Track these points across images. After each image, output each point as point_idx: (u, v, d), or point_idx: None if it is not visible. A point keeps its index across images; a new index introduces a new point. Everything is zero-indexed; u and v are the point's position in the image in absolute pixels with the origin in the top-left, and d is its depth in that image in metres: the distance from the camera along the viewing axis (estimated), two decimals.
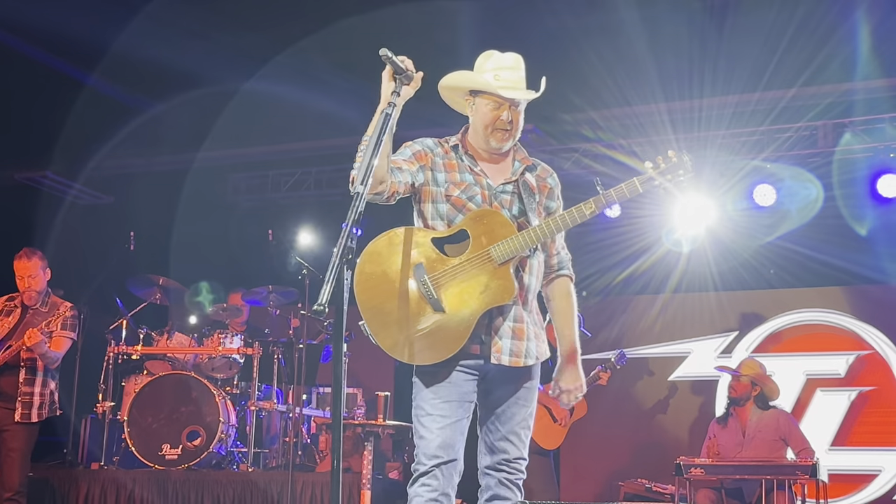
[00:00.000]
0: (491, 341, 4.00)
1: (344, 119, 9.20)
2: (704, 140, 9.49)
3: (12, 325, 7.52)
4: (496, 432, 4.06)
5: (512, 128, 4.10)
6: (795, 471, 7.63)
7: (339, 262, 3.21)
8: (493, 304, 3.93)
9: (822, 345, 9.88)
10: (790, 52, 8.01)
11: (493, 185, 4.12)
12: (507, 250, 3.93)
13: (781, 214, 9.55)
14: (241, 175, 11.44)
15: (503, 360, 3.99)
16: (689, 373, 10.20)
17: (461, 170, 4.14)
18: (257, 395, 8.96)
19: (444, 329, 3.92)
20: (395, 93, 3.76)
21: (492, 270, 3.95)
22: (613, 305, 10.32)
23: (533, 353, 4.07)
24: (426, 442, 3.96)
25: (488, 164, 4.18)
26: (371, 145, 3.53)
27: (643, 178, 4.02)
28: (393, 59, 3.74)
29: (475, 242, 3.98)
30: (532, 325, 4.09)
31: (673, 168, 4.05)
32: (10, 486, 7.31)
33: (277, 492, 7.96)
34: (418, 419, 4.03)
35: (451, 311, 3.92)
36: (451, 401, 3.98)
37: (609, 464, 9.99)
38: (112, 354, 8.94)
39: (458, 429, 3.99)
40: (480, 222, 4.01)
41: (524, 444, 4.08)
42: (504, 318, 4.01)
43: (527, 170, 4.20)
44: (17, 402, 7.38)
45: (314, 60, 8.54)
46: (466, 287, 3.94)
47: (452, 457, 3.97)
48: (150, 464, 8.36)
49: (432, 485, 3.94)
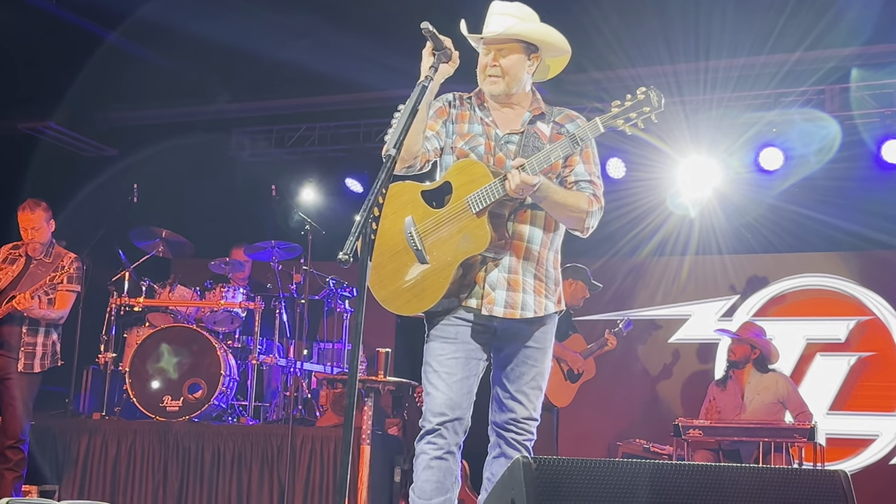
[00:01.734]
0: (484, 293, 4.00)
1: (348, 76, 9.22)
2: (710, 102, 9.45)
3: (16, 273, 7.53)
4: (505, 390, 4.09)
5: (497, 73, 4.08)
6: (793, 433, 7.69)
7: (367, 217, 3.28)
8: (468, 253, 3.92)
9: (822, 309, 9.89)
10: (797, 14, 7.95)
11: (500, 135, 4.11)
12: (480, 199, 3.91)
13: (791, 168, 9.44)
14: (245, 130, 11.42)
15: (496, 311, 3.99)
16: (690, 335, 10.22)
17: (471, 120, 4.16)
18: (258, 349, 8.99)
19: (427, 280, 3.97)
20: (433, 67, 3.83)
21: (469, 220, 3.94)
22: (616, 267, 10.31)
23: (530, 306, 4.04)
24: (432, 399, 4.01)
25: (500, 114, 4.17)
26: (406, 112, 3.60)
27: (605, 116, 3.92)
28: (435, 35, 3.82)
29: (456, 193, 4.00)
30: (531, 278, 4.06)
31: (638, 105, 3.89)
32: (12, 434, 7.37)
33: (277, 445, 8.01)
34: (426, 376, 4.07)
35: (433, 262, 3.96)
36: (458, 357, 4.02)
37: (608, 424, 10.03)
38: (114, 306, 8.97)
39: (465, 387, 4.03)
40: (463, 172, 4.01)
41: (533, 405, 4.09)
42: (499, 269, 4.00)
43: (537, 119, 4.16)
44: (20, 352, 7.41)
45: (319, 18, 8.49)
46: (447, 237, 3.96)
47: (458, 415, 4.01)
48: (152, 415, 8.41)
49: (438, 443, 3.99)
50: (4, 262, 7.60)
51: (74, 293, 7.67)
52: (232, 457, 8.08)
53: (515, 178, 3.80)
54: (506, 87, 4.10)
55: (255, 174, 10.96)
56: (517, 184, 3.80)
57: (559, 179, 4.11)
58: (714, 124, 9.52)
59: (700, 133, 9.57)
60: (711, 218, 9.97)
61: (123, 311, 9.05)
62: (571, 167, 4.14)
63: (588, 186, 4.13)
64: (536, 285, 4.07)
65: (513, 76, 4.10)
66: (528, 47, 4.12)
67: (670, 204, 9.90)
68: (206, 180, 10.63)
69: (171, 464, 8.16)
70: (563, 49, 4.19)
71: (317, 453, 7.92)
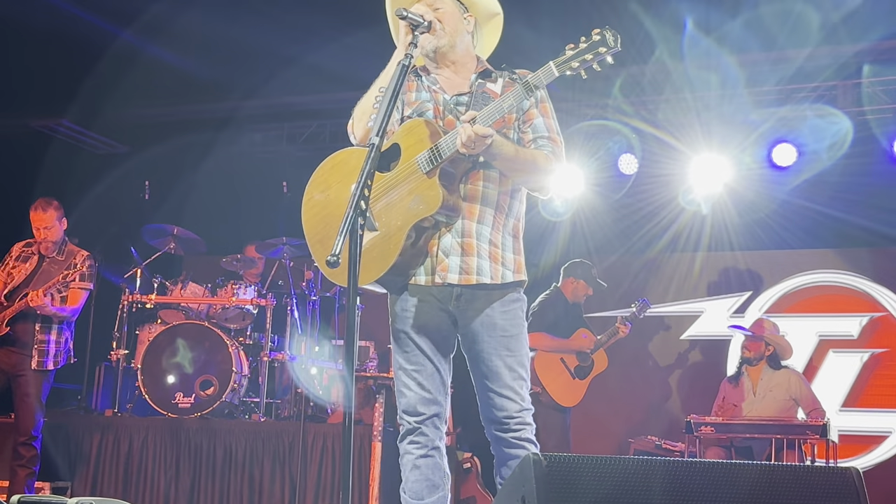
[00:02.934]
0: (437, 261, 3.86)
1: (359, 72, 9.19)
2: (721, 98, 9.42)
3: (29, 271, 7.55)
4: (489, 389, 3.92)
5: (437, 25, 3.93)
6: (806, 430, 7.67)
7: (352, 213, 3.20)
8: (420, 215, 3.73)
9: (835, 306, 9.86)
10: (808, 9, 7.92)
11: (448, 98, 3.97)
12: (430, 158, 3.73)
13: (803, 165, 9.42)
14: (257, 126, 11.42)
15: (450, 278, 3.82)
16: (702, 331, 10.20)
17: (418, 89, 4.03)
18: (270, 346, 9.00)
19: (377, 247, 3.78)
20: (412, 44, 3.75)
21: (419, 181, 3.75)
22: (629, 263, 10.30)
23: (486, 271, 3.85)
24: (406, 399, 3.92)
25: (446, 79, 4.03)
26: (387, 97, 3.49)
27: (559, 59, 3.67)
28: (409, 16, 3.76)
29: (405, 154, 3.81)
30: (485, 243, 3.87)
31: (593, 46, 3.63)
32: (24, 430, 7.39)
33: (289, 442, 8.02)
34: (396, 374, 3.98)
35: (382, 228, 3.78)
36: (424, 350, 3.91)
37: (620, 421, 10.02)
38: (126, 303, 8.99)
39: (437, 379, 3.94)
40: (410, 133, 3.83)
41: (521, 396, 3.90)
42: (451, 234, 3.84)
43: (485, 78, 4.00)
44: (34, 349, 7.43)
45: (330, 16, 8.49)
46: (396, 201, 3.77)
47: (435, 411, 3.93)
48: (164, 412, 8.43)
49: (421, 441, 3.93)
50: (17, 259, 7.62)
51: (87, 291, 7.68)
52: (244, 454, 8.09)
53: (466, 131, 3.60)
54: (448, 39, 3.95)
55: (266, 171, 10.98)
56: (468, 136, 3.59)
57: (516, 137, 3.95)
58: (726, 120, 9.49)
59: (712, 129, 9.54)
60: (724, 214, 9.94)
61: (135, 308, 9.07)
62: (530, 121, 3.97)
63: (546, 144, 3.95)
64: (492, 251, 3.89)
65: (453, 28, 3.96)
66: (459, 4, 4.02)
67: (682, 200, 9.88)
68: (217, 177, 10.63)
69: (183, 461, 8.18)
70: (489, 3, 4.08)
71: (328, 450, 7.93)
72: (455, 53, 4.01)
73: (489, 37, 4.19)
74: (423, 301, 3.90)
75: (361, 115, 3.94)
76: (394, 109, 3.56)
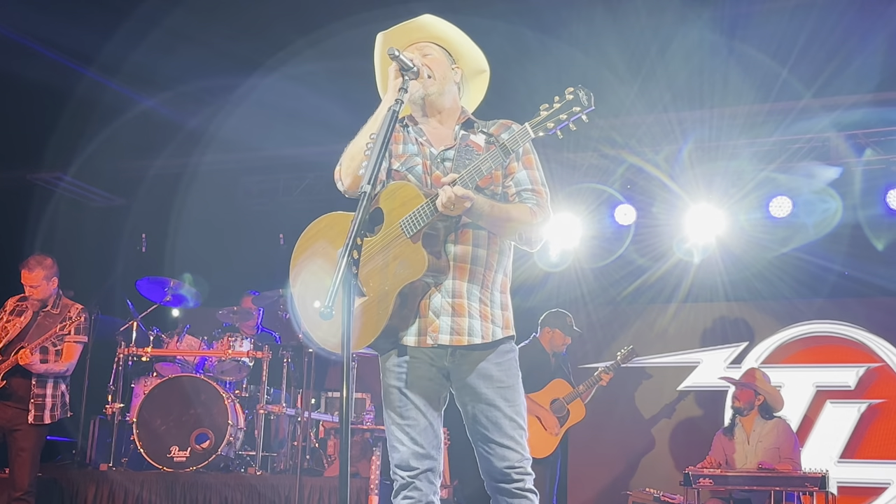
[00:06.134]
0: (427, 322, 3.82)
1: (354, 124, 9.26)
2: (716, 150, 9.49)
3: (24, 325, 7.54)
4: (489, 442, 3.87)
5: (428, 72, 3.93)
6: (804, 482, 7.63)
7: (345, 264, 3.19)
8: (406, 280, 3.69)
9: (832, 356, 9.85)
10: (801, 62, 8.00)
11: (435, 153, 3.95)
12: (412, 221, 3.70)
13: (796, 227, 9.52)
14: (253, 178, 11.46)
15: (441, 339, 3.79)
16: (699, 382, 10.18)
17: (405, 140, 3.99)
18: (266, 398, 8.97)
19: (366, 313, 3.74)
20: (402, 89, 3.74)
21: (404, 245, 3.72)
22: (624, 314, 10.31)
23: (478, 331, 3.82)
24: (399, 455, 3.87)
25: (433, 130, 4.01)
26: (378, 143, 3.49)
27: (535, 121, 3.69)
28: (400, 57, 3.75)
29: (388, 219, 3.77)
30: (476, 302, 3.84)
31: (567, 106, 3.66)
32: (19, 485, 7.33)
33: (285, 496, 7.97)
34: (389, 429, 3.92)
35: (371, 293, 3.74)
36: (417, 405, 3.88)
37: (617, 473, 9.98)
38: (122, 356, 8.97)
39: (430, 433, 3.88)
40: (393, 197, 3.79)
41: (521, 445, 3.87)
42: (442, 294, 3.81)
43: (467, 130, 4.00)
44: (30, 403, 7.39)
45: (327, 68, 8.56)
46: (382, 266, 3.75)
47: (429, 465, 3.88)
48: (159, 466, 8.37)
49: (414, 497, 3.86)
50: (12, 314, 7.61)
51: (81, 344, 7.66)
52: None
53: (447, 192, 3.58)
54: (437, 87, 3.95)
55: (262, 223, 11.00)
56: (448, 198, 3.58)
57: (502, 191, 3.93)
58: (721, 171, 9.55)
59: (708, 180, 9.60)
60: (719, 264, 9.96)
61: (131, 360, 9.05)
62: (512, 174, 3.95)
63: (530, 196, 3.92)
64: (482, 310, 3.85)
65: (442, 75, 3.97)
66: (448, 55, 4.04)
67: (677, 250, 9.91)
68: (214, 229, 10.65)
69: None
70: (478, 59, 4.11)
71: (325, 503, 7.88)
72: (442, 102, 4.00)
73: (475, 92, 4.20)
74: (415, 357, 3.87)
75: (350, 161, 3.87)
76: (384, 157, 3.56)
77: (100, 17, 8.02)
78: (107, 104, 9.20)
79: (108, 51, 8.46)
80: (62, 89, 9.18)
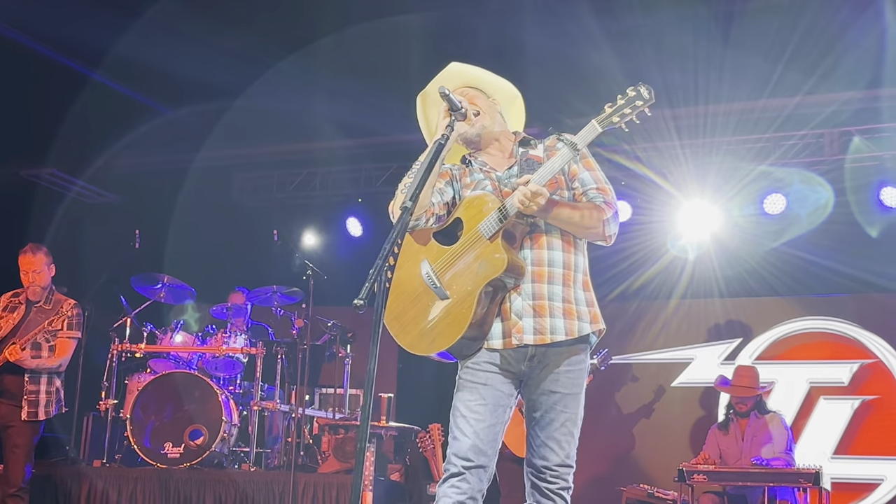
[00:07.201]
0: (511, 324, 3.99)
1: (349, 121, 9.26)
2: (710, 146, 9.49)
3: (16, 321, 7.52)
4: (536, 437, 4.06)
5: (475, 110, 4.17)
6: (798, 478, 7.64)
7: (382, 265, 3.36)
8: (488, 277, 3.90)
9: (826, 353, 9.86)
10: (795, 59, 8.00)
11: (501, 175, 4.16)
12: (491, 223, 3.94)
13: (789, 220, 9.54)
14: (247, 175, 11.45)
15: (526, 339, 3.95)
16: (693, 379, 10.18)
17: (471, 173, 4.22)
18: (260, 394, 8.96)
19: (450, 313, 3.96)
20: (449, 127, 3.97)
21: (484, 246, 3.96)
22: (618, 312, 10.30)
23: (561, 329, 3.99)
24: (459, 444, 3.98)
25: (492, 158, 4.25)
26: (423, 167, 3.77)
27: (600, 117, 3.91)
28: (450, 97, 3.97)
29: (467, 226, 4.03)
30: (559, 302, 4.01)
31: (630, 101, 3.89)
32: (13, 482, 7.31)
33: (279, 492, 7.97)
34: (454, 419, 4.04)
35: (454, 295, 3.97)
36: (487, 404, 4.00)
37: (611, 469, 9.98)
38: (116, 352, 8.96)
39: (492, 434, 4.00)
40: (471, 206, 4.06)
41: (566, 451, 4.04)
42: (522, 297, 3.99)
43: (521, 145, 4.23)
44: (23, 400, 7.37)
45: (320, 65, 8.56)
46: (464, 268, 3.98)
47: (484, 462, 3.98)
48: (153, 462, 8.37)
49: (462, 487, 3.95)
50: (5, 310, 7.58)
51: (75, 340, 7.64)
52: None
53: (522, 190, 3.83)
54: (489, 118, 4.21)
55: (256, 219, 10.99)
56: (524, 194, 3.82)
57: (569, 195, 4.13)
58: (715, 168, 9.56)
59: (702, 177, 9.61)
60: (713, 261, 9.98)
61: (125, 357, 9.04)
62: (575, 177, 4.16)
63: (598, 194, 4.13)
64: (566, 307, 4.03)
65: (488, 106, 4.23)
66: (482, 93, 4.29)
67: (671, 246, 9.92)
68: (208, 225, 10.63)
69: None
70: (508, 88, 4.35)
71: (319, 500, 7.88)
72: (496, 131, 4.25)
73: (516, 118, 4.42)
74: (493, 363, 4.03)
75: (400, 193, 4.04)
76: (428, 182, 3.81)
77: (93, 11, 7.99)
78: (100, 100, 9.17)
79: (101, 45, 8.44)
80: (55, 85, 9.16)
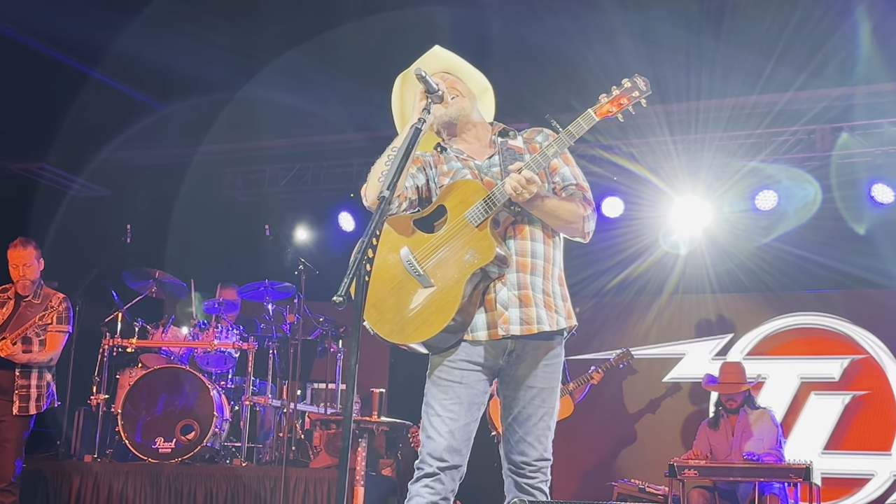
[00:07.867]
0: (497, 315, 3.95)
1: (340, 116, 9.25)
2: (701, 142, 9.50)
3: (6, 315, 7.51)
4: (514, 433, 4.02)
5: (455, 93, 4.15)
6: (789, 473, 7.65)
7: (361, 258, 3.29)
8: (476, 266, 3.87)
9: (816, 348, 9.88)
10: (787, 54, 8.01)
11: (480, 164, 4.12)
12: (479, 211, 3.90)
13: (780, 216, 9.56)
14: (239, 169, 11.43)
15: (513, 329, 3.92)
16: (684, 374, 10.19)
17: (447, 160, 4.17)
18: (252, 389, 8.96)
19: (435, 302, 3.90)
20: (426, 110, 3.90)
21: (471, 234, 3.91)
22: (609, 308, 10.31)
23: (545, 319, 3.97)
24: (434, 444, 3.94)
25: (469, 146, 4.20)
26: (400, 154, 3.68)
27: (596, 106, 3.91)
28: (427, 79, 3.90)
29: (452, 213, 3.98)
30: (540, 293, 3.99)
31: (627, 91, 3.92)
32: (4, 477, 7.31)
33: (270, 487, 7.96)
34: (428, 418, 3.99)
35: (439, 283, 3.91)
36: (462, 402, 3.96)
37: (602, 464, 10.00)
38: (107, 347, 8.94)
39: (467, 432, 3.97)
40: (453, 192, 4.02)
41: (544, 446, 4.03)
42: (507, 288, 3.95)
43: (501, 135, 4.20)
44: (14, 394, 7.37)
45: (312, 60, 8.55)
46: (449, 256, 3.92)
47: (458, 462, 3.95)
48: (144, 457, 8.36)
49: (435, 488, 3.92)
50: None
51: (65, 333, 7.63)
52: (225, 499, 8.02)
53: (515, 177, 3.80)
54: (469, 101, 4.18)
55: (248, 214, 10.97)
56: (517, 181, 3.79)
57: (549, 188, 4.09)
58: (707, 164, 9.57)
59: (694, 173, 9.62)
60: (705, 257, 9.99)
61: (116, 351, 9.02)
62: (556, 172, 4.14)
63: (577, 191, 4.12)
64: (546, 300, 4.01)
65: (467, 91, 4.21)
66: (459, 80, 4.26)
67: (663, 242, 9.93)
68: (199, 220, 10.61)
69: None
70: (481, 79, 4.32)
71: (310, 494, 7.88)
72: (474, 116, 4.23)
73: (486, 110, 4.39)
74: (469, 360, 3.98)
75: (373, 177, 3.99)
76: (405, 168, 3.72)
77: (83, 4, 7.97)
78: (90, 93, 9.15)
79: (91, 39, 8.41)
80: (45, 80, 9.14)
